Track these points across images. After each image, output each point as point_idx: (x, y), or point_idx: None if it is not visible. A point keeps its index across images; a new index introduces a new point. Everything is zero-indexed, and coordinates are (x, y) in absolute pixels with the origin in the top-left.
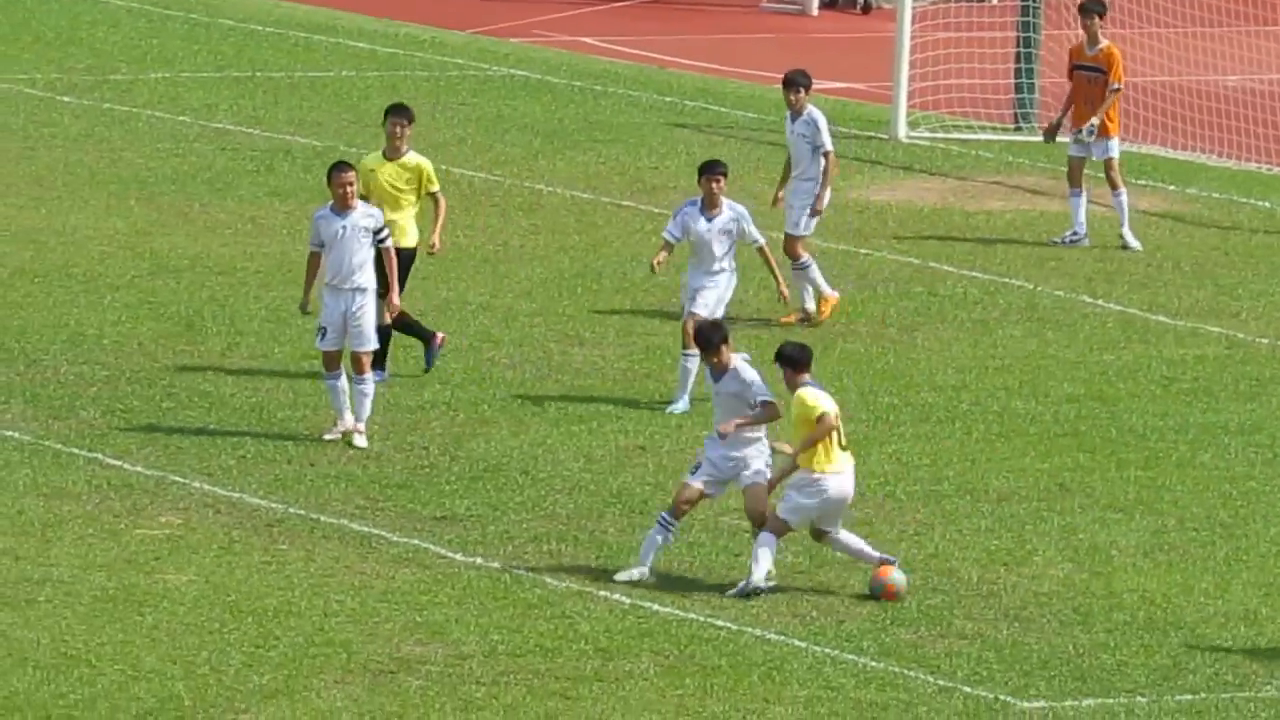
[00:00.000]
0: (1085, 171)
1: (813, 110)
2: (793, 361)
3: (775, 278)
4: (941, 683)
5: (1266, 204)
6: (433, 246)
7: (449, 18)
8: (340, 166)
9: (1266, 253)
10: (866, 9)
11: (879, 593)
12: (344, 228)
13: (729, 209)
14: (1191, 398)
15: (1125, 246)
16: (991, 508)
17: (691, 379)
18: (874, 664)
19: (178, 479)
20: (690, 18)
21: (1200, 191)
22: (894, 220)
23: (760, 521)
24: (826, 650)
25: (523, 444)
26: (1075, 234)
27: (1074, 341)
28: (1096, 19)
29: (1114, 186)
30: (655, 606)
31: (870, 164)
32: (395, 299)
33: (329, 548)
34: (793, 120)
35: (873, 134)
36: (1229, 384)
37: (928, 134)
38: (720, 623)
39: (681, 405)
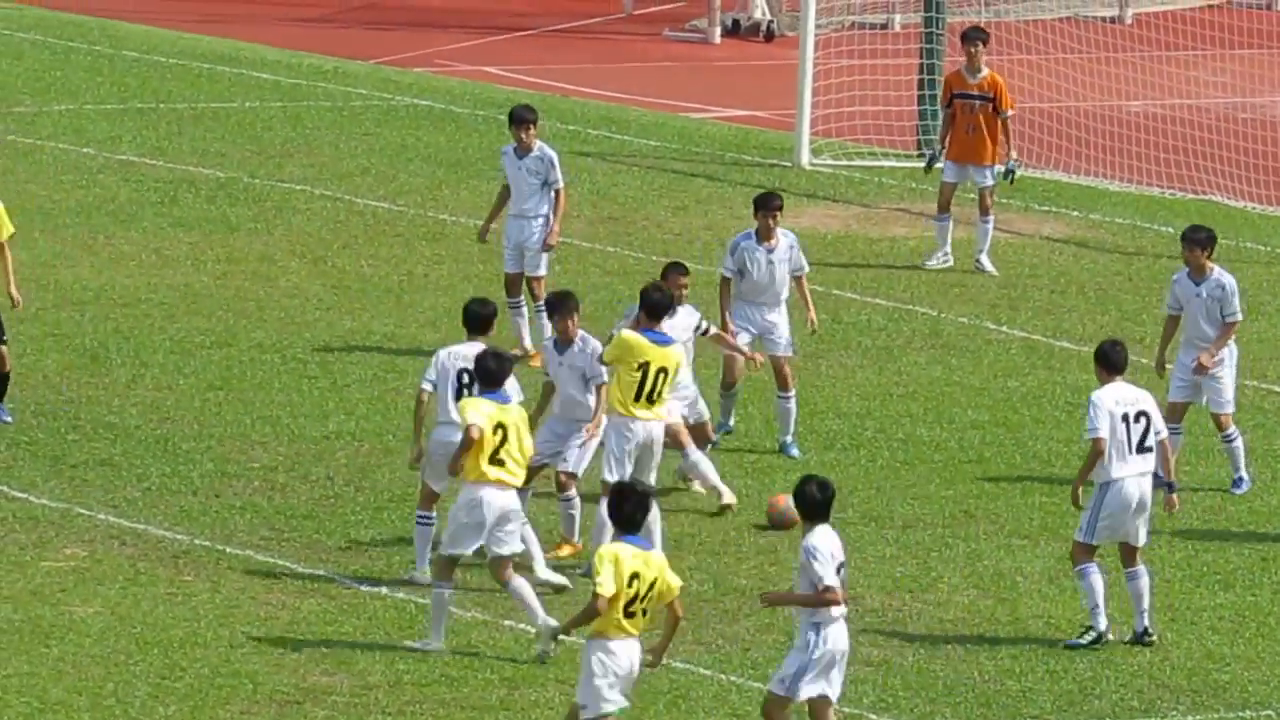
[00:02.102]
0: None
1: (544, 147)
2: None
3: (809, 306)
4: (848, 710)
5: (1169, 229)
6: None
7: (352, 48)
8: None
9: (1170, 278)
10: (769, 36)
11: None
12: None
13: (783, 237)
14: None
15: (981, 270)
16: (896, 535)
17: (792, 419)
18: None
19: (83, 511)
20: (593, 46)
21: (1104, 217)
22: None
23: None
24: (732, 678)
25: None
26: (945, 256)
27: (978, 368)
28: (980, 46)
29: (985, 211)
30: (561, 636)
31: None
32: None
33: (234, 579)
34: (519, 156)
35: (776, 161)
36: None
37: (831, 161)
38: None
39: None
